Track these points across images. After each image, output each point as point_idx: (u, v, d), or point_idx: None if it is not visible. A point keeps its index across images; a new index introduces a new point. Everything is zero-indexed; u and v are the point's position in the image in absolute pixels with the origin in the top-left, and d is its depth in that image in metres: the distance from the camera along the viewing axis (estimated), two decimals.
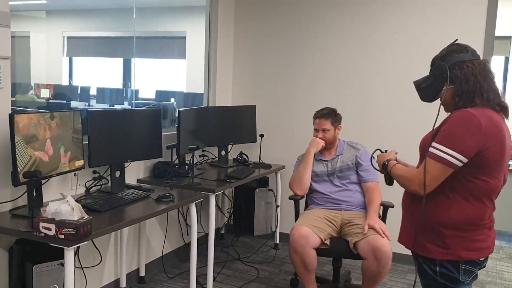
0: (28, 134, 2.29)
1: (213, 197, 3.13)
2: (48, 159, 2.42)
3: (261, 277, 3.58)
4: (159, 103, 7.39)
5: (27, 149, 2.28)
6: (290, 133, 4.27)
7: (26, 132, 2.28)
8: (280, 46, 4.26)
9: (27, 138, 2.28)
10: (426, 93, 1.85)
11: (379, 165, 2.00)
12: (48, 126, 2.42)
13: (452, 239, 1.74)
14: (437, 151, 1.69)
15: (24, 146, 2.27)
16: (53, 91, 7.94)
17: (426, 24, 3.71)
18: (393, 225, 3.04)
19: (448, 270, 1.76)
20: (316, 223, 2.94)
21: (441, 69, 1.79)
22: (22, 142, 2.26)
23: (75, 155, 2.62)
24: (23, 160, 2.26)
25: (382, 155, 2.02)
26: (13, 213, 2.36)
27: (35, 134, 2.33)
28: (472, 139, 1.65)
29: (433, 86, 1.83)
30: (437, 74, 1.80)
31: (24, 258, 2.36)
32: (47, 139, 2.41)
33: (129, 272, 3.31)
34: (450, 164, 1.68)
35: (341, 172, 3.20)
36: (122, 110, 3.80)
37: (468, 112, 1.68)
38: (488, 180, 1.72)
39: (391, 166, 1.92)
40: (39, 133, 2.36)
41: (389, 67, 3.87)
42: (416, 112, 3.77)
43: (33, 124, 2.32)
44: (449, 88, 1.78)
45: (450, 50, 1.81)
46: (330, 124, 3.23)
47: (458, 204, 1.73)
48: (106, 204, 2.55)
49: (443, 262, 1.76)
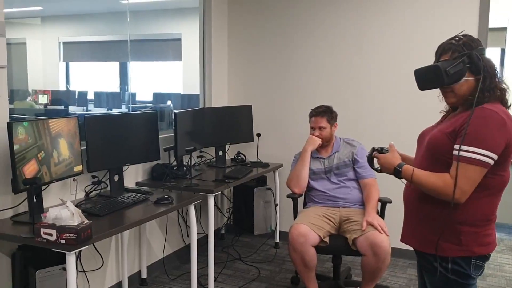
0: (26, 141, 2.31)
1: (212, 197, 3.16)
2: (47, 165, 2.45)
3: (262, 276, 3.61)
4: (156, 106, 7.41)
5: (26, 156, 2.31)
6: (286, 131, 4.30)
7: (25, 140, 2.30)
8: (274, 44, 4.28)
9: (25, 146, 2.31)
10: (450, 79, 1.71)
11: (388, 171, 1.84)
12: (46, 133, 2.44)
13: (467, 236, 1.72)
14: (472, 154, 1.62)
15: (23, 153, 2.29)
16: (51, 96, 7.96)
17: (419, 17, 3.73)
18: (391, 220, 3.08)
19: (460, 267, 1.74)
20: (314, 221, 2.97)
21: (471, 58, 1.68)
22: (21, 149, 2.28)
23: (73, 160, 2.65)
24: (22, 167, 2.28)
25: (385, 159, 1.86)
26: (14, 219, 2.39)
27: (33, 141, 2.35)
28: (500, 136, 1.63)
29: (457, 74, 1.70)
30: (465, 62, 1.69)
31: (27, 263, 2.39)
32: (45, 146, 2.43)
33: (131, 275, 3.34)
34: (486, 164, 1.63)
35: (338, 169, 3.22)
36: (119, 115, 3.82)
37: (489, 109, 1.65)
38: (503, 174, 1.71)
39: (410, 172, 1.75)
40: (37, 140, 2.38)
41: (383, 63, 3.89)
42: (410, 107, 3.80)
43: (31, 132, 2.34)
44: (469, 79, 1.71)
45: (470, 40, 1.72)
46: (326, 122, 3.26)
47: (475, 201, 1.69)
48: (106, 208, 2.57)
49: (455, 259, 1.74)
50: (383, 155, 1.88)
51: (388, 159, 1.86)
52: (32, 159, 2.34)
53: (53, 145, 2.49)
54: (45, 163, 2.43)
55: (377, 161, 1.91)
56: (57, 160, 2.52)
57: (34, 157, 2.36)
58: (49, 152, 2.46)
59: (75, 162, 2.66)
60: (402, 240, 1.93)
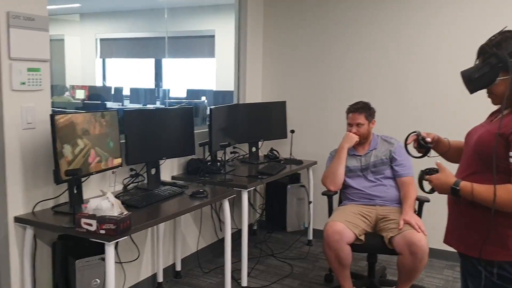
0: (68, 133, 2.37)
1: (246, 193, 3.16)
2: (88, 157, 2.50)
3: (295, 273, 3.59)
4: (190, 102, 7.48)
5: (67, 148, 2.36)
6: (321, 128, 4.26)
7: (66, 132, 2.36)
8: (310, 40, 4.25)
9: (67, 137, 2.36)
10: (477, 84, 1.70)
11: (444, 192, 1.76)
12: (87, 125, 2.50)
13: None
14: None
15: (65, 145, 2.35)
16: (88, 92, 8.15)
17: (461, 13, 3.63)
18: (429, 220, 3.01)
19: (507, 271, 1.68)
20: (350, 219, 2.93)
21: (498, 58, 1.64)
22: (63, 141, 2.34)
23: (113, 153, 2.69)
24: (64, 159, 2.34)
25: (439, 180, 1.76)
26: (55, 210, 2.45)
27: (75, 133, 2.41)
28: None
29: (486, 77, 1.66)
30: (492, 63, 1.65)
31: (67, 253, 2.44)
32: (87, 138, 2.49)
33: (165, 267, 3.38)
34: None
35: (375, 167, 3.17)
36: (156, 109, 3.88)
37: None
38: None
39: (468, 189, 1.68)
40: (79, 132, 2.44)
41: (423, 59, 3.80)
42: (454, 104, 3.69)
43: (73, 124, 2.40)
44: (505, 78, 1.65)
45: (505, 37, 1.67)
46: (364, 118, 3.21)
47: None
48: (143, 200, 2.61)
49: (502, 264, 1.69)
50: (435, 176, 1.79)
51: (441, 179, 1.77)
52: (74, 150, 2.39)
53: (95, 137, 2.54)
54: (86, 155, 2.48)
55: (430, 184, 1.81)
56: (98, 152, 2.57)
57: (75, 148, 2.41)
58: (92, 144, 2.51)
59: (114, 155, 2.71)
60: (445, 241, 1.87)
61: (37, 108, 2.42)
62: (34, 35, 2.36)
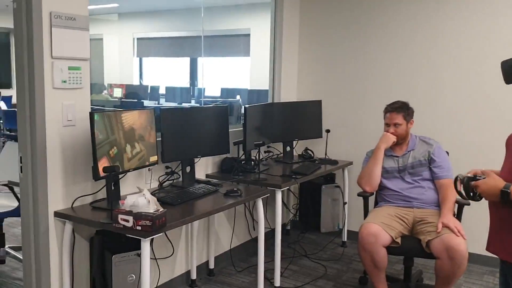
0: (106, 130, 2.41)
1: (280, 192, 3.14)
2: (125, 154, 2.54)
3: (328, 274, 3.55)
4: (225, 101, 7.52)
5: (106, 145, 2.41)
6: (357, 128, 4.19)
7: (105, 129, 2.41)
8: (346, 39, 4.18)
9: (106, 135, 2.41)
10: None
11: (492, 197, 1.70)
12: (125, 123, 2.54)
13: None
14: None
15: (103, 142, 2.40)
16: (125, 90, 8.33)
17: (499, 13, 3.49)
18: (468, 224, 2.91)
19: None
20: (386, 221, 2.87)
21: None
22: (102, 138, 2.38)
23: (149, 151, 2.73)
24: (102, 156, 2.39)
25: (486, 184, 1.71)
26: (93, 205, 2.51)
27: (113, 131, 2.45)
28: None
29: None
30: None
31: (104, 248, 2.49)
32: (124, 136, 2.53)
33: (199, 264, 3.41)
34: None
35: (412, 168, 3.09)
36: (192, 108, 3.91)
37: None
38: None
39: None
40: (116, 130, 2.48)
41: (461, 59, 3.68)
42: (495, 106, 3.57)
43: (111, 122, 2.45)
44: None
45: None
46: (402, 118, 3.13)
47: None
48: (179, 197, 2.64)
49: None
50: (482, 181, 1.73)
51: (490, 183, 1.71)
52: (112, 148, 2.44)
53: (132, 135, 2.58)
54: (123, 152, 2.52)
55: (477, 189, 1.75)
56: (135, 150, 2.61)
57: (114, 145, 2.45)
58: (129, 141, 2.55)
59: (151, 152, 2.75)
60: (487, 249, 1.80)
61: (77, 105, 2.48)
62: (75, 35, 2.42)
